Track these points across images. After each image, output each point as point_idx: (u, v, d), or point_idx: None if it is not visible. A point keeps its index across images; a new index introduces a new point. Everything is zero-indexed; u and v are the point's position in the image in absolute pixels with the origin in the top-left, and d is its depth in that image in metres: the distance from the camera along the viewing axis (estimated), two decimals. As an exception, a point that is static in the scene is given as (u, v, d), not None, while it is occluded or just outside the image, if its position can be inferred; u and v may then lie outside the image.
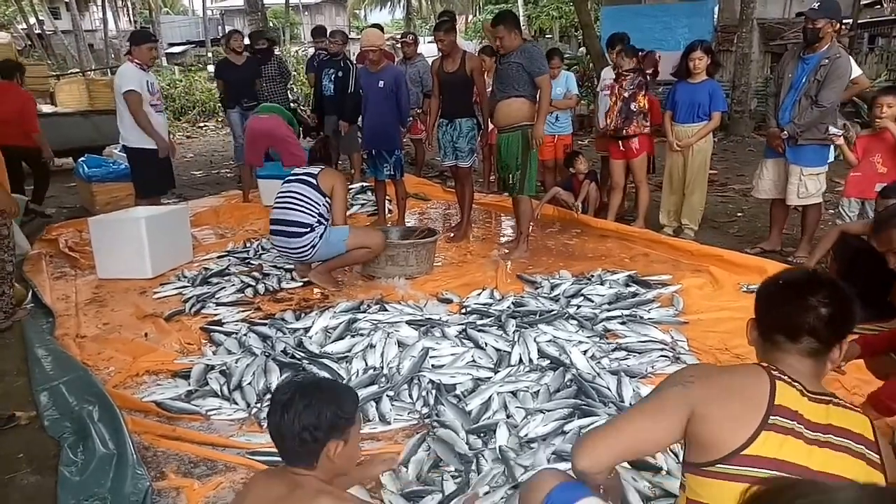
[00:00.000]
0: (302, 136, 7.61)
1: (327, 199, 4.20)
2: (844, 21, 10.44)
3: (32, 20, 28.47)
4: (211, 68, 20.90)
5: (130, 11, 37.69)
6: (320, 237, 4.12)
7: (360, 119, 6.51)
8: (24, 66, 7.03)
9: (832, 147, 4.61)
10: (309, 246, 4.12)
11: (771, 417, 1.32)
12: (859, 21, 12.06)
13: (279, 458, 1.68)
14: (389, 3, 38.58)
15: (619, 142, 5.41)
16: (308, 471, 1.58)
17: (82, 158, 6.82)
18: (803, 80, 4.51)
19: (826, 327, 1.39)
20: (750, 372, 1.42)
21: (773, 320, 1.46)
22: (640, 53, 5.29)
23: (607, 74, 5.98)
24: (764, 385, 1.36)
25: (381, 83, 5.28)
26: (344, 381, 2.94)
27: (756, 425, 1.31)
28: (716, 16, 11.56)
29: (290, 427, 1.54)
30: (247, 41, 8.03)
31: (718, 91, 5.19)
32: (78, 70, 18.57)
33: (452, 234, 5.49)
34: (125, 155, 7.23)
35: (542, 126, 4.70)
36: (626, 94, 5.22)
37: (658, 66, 5.81)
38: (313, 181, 4.20)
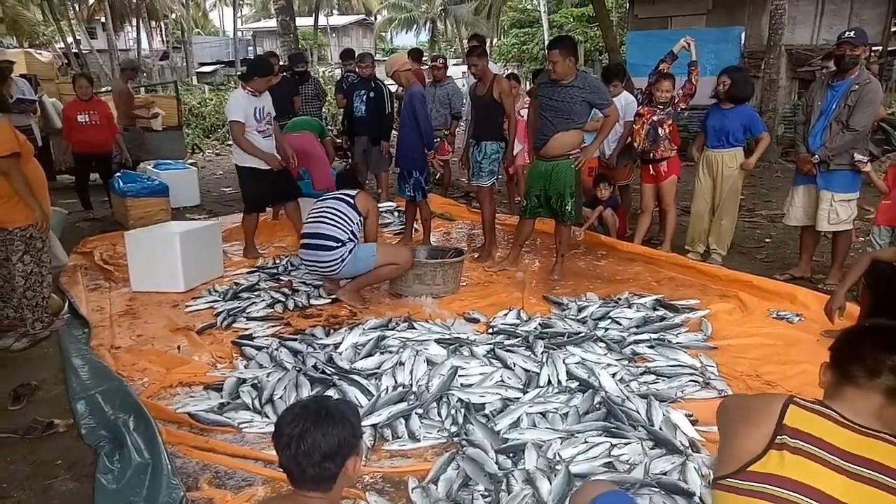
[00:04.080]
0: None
1: (361, 218, 4.33)
2: (874, 48, 10.38)
3: (70, 39, 29.41)
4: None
5: (163, 32, 38.74)
6: (349, 252, 4.20)
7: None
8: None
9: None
10: (339, 260, 4.19)
11: (779, 437, 1.34)
12: (889, 48, 11.96)
13: None
14: (415, 26, 39.21)
15: (650, 166, 5.43)
16: (323, 494, 1.55)
17: (118, 174, 6.99)
18: (833, 106, 4.50)
19: None
20: (770, 398, 1.47)
21: (856, 354, 1.46)
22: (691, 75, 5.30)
23: None
24: (776, 407, 1.40)
25: (403, 104, 5.41)
26: (374, 398, 2.97)
27: (764, 444, 1.35)
28: (743, 41, 11.56)
29: (310, 458, 1.50)
30: (283, 62, 8.22)
31: (753, 116, 5.21)
32: (111, 88, 19.02)
33: (477, 255, 5.52)
34: (158, 171, 7.51)
35: (595, 151, 4.95)
36: (655, 119, 5.25)
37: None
38: (351, 200, 4.35)
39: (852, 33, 4.43)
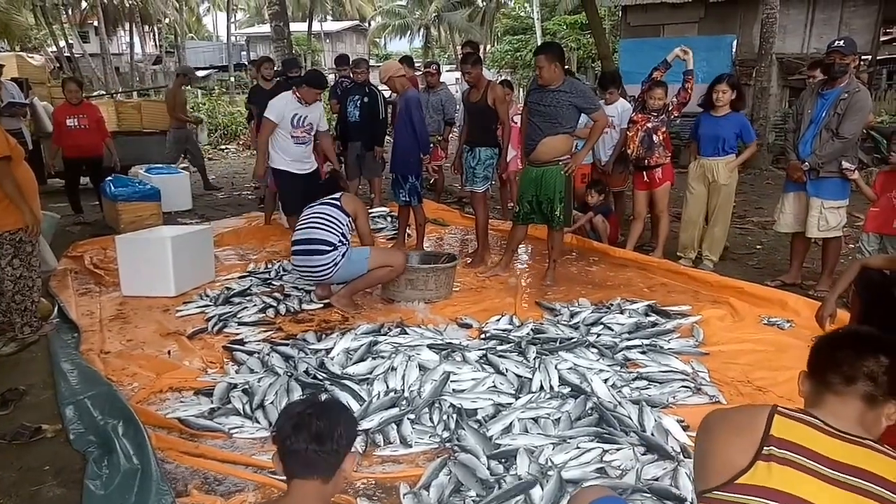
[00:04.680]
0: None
1: (350, 220, 4.32)
2: (863, 57, 10.48)
3: (62, 43, 29.28)
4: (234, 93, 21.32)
5: (156, 36, 38.63)
6: (342, 256, 4.20)
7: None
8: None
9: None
10: (331, 264, 4.18)
11: (765, 448, 1.33)
12: (878, 57, 12.08)
13: None
14: (409, 32, 39.29)
15: (644, 173, 5.46)
16: (323, 484, 1.58)
17: (109, 178, 6.95)
18: (823, 114, 4.54)
19: (885, 373, 1.39)
20: (754, 409, 1.46)
21: (832, 362, 1.45)
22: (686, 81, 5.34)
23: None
24: (762, 417, 1.39)
25: (399, 109, 5.42)
26: (365, 403, 2.96)
27: (751, 455, 1.34)
28: (734, 50, 11.65)
29: (329, 433, 1.56)
30: (278, 67, 8.21)
31: (746, 124, 5.27)
32: (104, 92, 18.98)
33: (470, 260, 5.53)
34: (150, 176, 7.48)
35: (585, 156, 4.92)
36: (649, 126, 5.28)
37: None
38: (337, 203, 4.36)
39: (842, 42, 4.47)
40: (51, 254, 5.16)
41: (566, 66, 4.77)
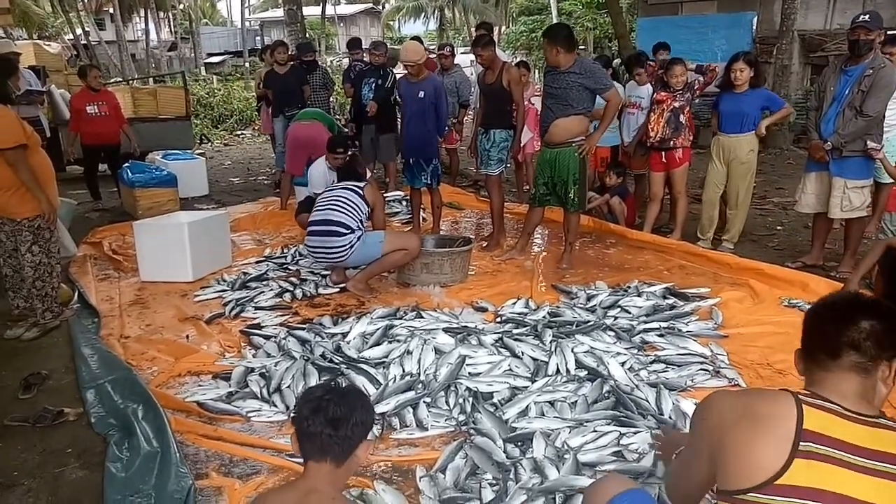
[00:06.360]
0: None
1: (369, 209, 4.36)
2: (889, 32, 10.21)
3: (79, 31, 29.47)
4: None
5: (171, 23, 38.73)
6: (358, 239, 4.22)
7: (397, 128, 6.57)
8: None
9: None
10: (347, 246, 4.19)
11: (801, 444, 1.28)
12: (904, 32, 11.75)
13: None
14: (423, 15, 39.01)
15: (662, 154, 5.38)
16: (336, 467, 1.61)
17: (126, 164, 7.00)
18: (846, 91, 4.43)
19: (867, 339, 1.35)
20: (777, 398, 1.38)
21: (816, 339, 1.43)
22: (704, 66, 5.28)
23: (633, 91, 5.93)
24: (790, 410, 1.32)
25: (421, 93, 5.35)
26: (382, 387, 2.97)
27: (787, 454, 1.27)
28: (755, 27, 11.40)
29: (345, 419, 1.59)
30: (292, 51, 8.19)
31: (771, 95, 5.23)
32: (121, 79, 19.09)
33: (485, 244, 5.50)
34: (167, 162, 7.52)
35: (599, 138, 4.82)
36: (676, 105, 5.20)
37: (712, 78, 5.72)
38: (360, 191, 4.37)
39: (867, 17, 4.36)
40: (70, 240, 5.22)
41: (582, 48, 4.70)
